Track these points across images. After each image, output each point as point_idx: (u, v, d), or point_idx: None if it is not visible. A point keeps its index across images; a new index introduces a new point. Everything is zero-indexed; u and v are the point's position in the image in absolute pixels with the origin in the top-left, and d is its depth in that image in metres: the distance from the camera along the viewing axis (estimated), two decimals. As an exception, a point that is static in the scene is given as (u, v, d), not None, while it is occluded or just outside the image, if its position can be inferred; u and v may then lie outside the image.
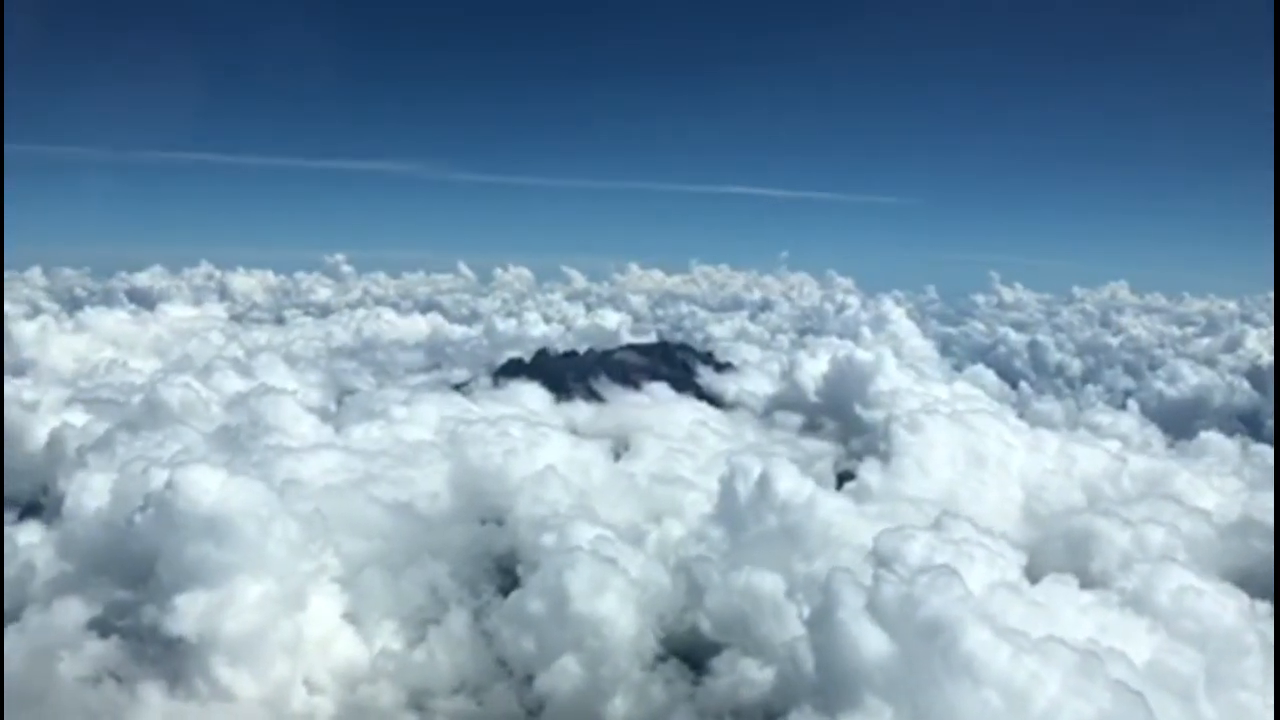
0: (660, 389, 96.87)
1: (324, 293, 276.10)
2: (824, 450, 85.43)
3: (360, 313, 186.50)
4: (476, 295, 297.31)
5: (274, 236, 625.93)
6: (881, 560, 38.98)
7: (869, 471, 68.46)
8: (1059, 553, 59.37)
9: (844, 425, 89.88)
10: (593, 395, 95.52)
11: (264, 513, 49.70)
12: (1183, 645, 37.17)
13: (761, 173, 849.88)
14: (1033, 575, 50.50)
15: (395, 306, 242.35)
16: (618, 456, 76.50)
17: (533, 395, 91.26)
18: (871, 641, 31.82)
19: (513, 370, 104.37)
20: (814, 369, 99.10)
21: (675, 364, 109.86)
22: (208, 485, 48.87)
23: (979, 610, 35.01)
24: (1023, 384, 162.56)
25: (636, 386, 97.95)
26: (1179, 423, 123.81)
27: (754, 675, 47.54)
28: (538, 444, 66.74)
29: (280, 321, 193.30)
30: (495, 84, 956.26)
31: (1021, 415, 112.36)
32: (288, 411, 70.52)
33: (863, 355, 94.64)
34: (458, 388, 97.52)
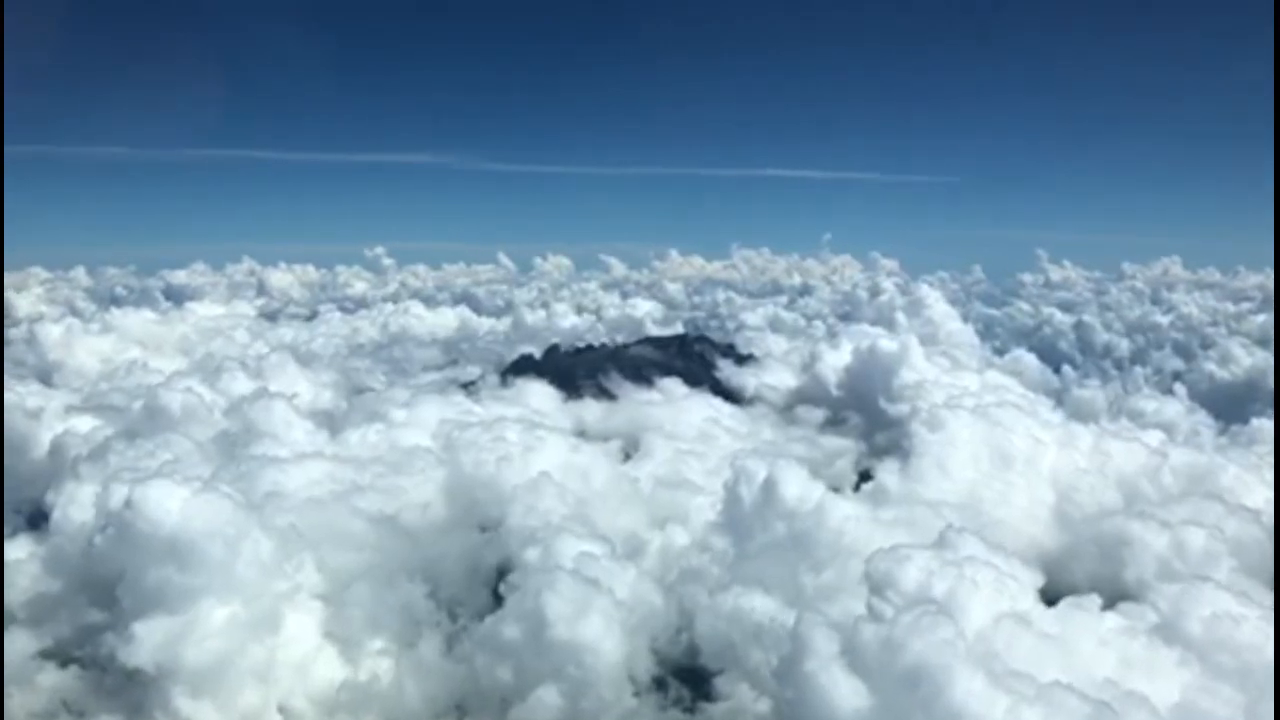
0: (673, 385, 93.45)
1: (361, 286, 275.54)
2: (845, 448, 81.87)
3: (389, 307, 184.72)
4: (514, 285, 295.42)
5: (318, 231, 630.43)
6: (874, 586, 34.95)
7: (887, 473, 64.49)
8: (1090, 560, 55.28)
9: (867, 420, 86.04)
10: (603, 393, 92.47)
11: (232, 530, 47.12)
12: (1217, 682, 32.80)
13: (804, 155, 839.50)
14: (1057, 589, 46.23)
15: (431, 299, 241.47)
16: (627, 458, 74.12)
17: (540, 394, 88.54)
18: (844, 697, 27.81)
19: (522, 368, 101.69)
20: (837, 360, 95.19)
21: (693, 357, 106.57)
22: (169, 503, 46.16)
23: (978, 649, 30.95)
24: (1066, 368, 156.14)
25: (649, 383, 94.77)
26: (1231, 407, 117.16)
27: (752, 704, 43.95)
28: (534, 448, 63.42)
29: (312, 317, 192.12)
30: (531, 73, 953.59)
31: (1061, 403, 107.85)
32: (280, 417, 67.92)
33: (887, 344, 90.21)
34: (466, 386, 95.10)
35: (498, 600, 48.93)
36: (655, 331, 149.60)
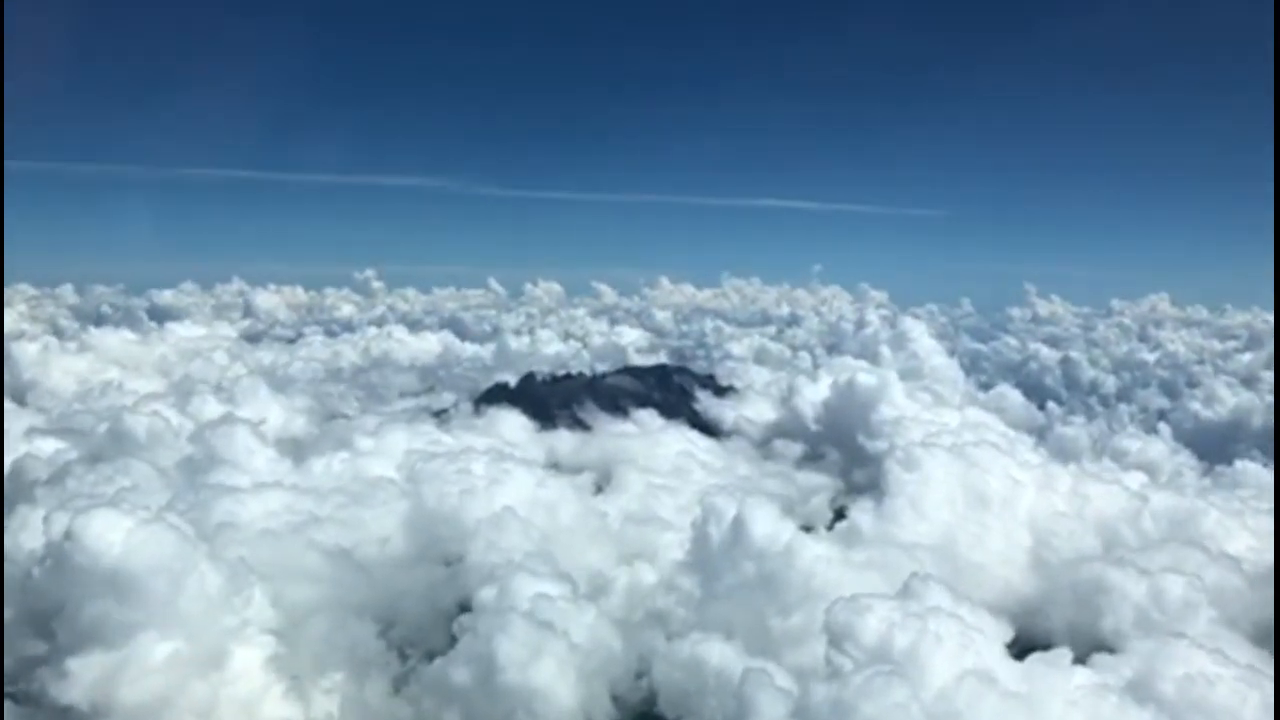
0: (649, 417, 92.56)
1: (348, 309, 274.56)
2: (821, 485, 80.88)
3: (371, 331, 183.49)
4: (503, 311, 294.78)
5: (310, 252, 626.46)
6: (833, 638, 33.45)
7: (861, 512, 63.26)
8: (1066, 607, 53.83)
9: (845, 456, 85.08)
10: (578, 423, 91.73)
11: (178, 563, 45.36)
12: (1189, 748, 31.29)
13: (797, 185, 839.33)
14: (1030, 638, 44.96)
15: (418, 323, 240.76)
16: (598, 491, 73.02)
17: (512, 424, 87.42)
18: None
19: (496, 396, 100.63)
20: (816, 394, 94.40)
21: (672, 388, 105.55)
22: (111, 534, 44.34)
23: (938, 709, 29.34)
24: (1051, 404, 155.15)
25: (625, 414, 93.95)
26: (1215, 447, 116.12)
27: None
28: (500, 481, 62.17)
29: (295, 340, 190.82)
30: (527, 97, 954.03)
31: (1044, 440, 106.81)
32: (243, 444, 66.21)
33: (866, 379, 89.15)
34: (438, 415, 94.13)
35: (454, 640, 47.26)
36: (638, 360, 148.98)
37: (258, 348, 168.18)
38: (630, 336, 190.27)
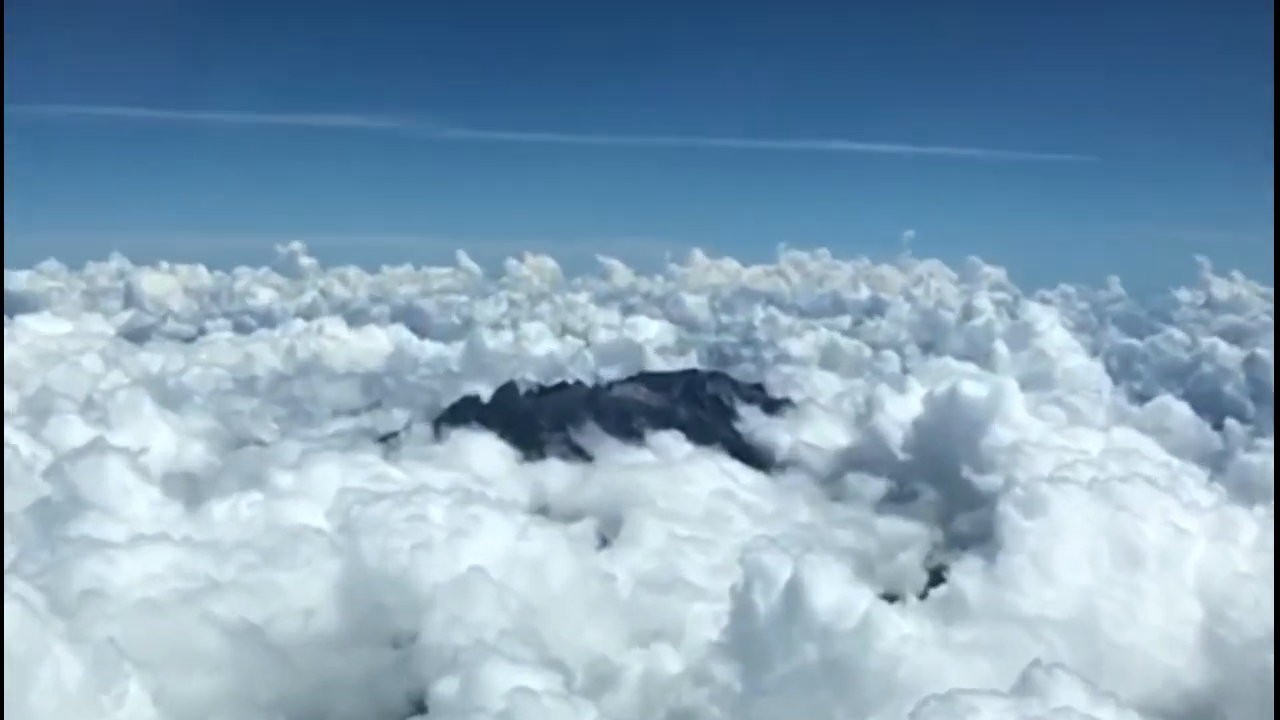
0: (673, 441, 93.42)
1: (267, 295, 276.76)
2: (910, 536, 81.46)
3: (298, 325, 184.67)
4: (478, 296, 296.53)
5: (215, 219, 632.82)
6: (922, 755, 33.20)
7: (967, 573, 63.01)
8: (1250, 706, 53.26)
9: (944, 497, 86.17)
10: (575, 451, 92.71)
11: (22, 648, 45.67)
12: None
13: (879, 121, 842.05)
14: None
15: (361, 314, 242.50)
16: (603, 544, 74.39)
17: (486, 452, 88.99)
18: None
19: (464, 414, 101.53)
20: (905, 409, 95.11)
21: (705, 402, 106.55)
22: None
23: None
24: (1231, 422, 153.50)
25: (640, 438, 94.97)
26: None
27: None
28: (467, 531, 63.02)
29: (195, 337, 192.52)
30: (508, 3, 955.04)
31: (1221, 472, 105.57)
32: (117, 482, 68.03)
33: (973, 389, 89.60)
34: (384, 440, 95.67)
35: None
36: (661, 364, 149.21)
37: (142, 348, 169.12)
38: (650, 331, 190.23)
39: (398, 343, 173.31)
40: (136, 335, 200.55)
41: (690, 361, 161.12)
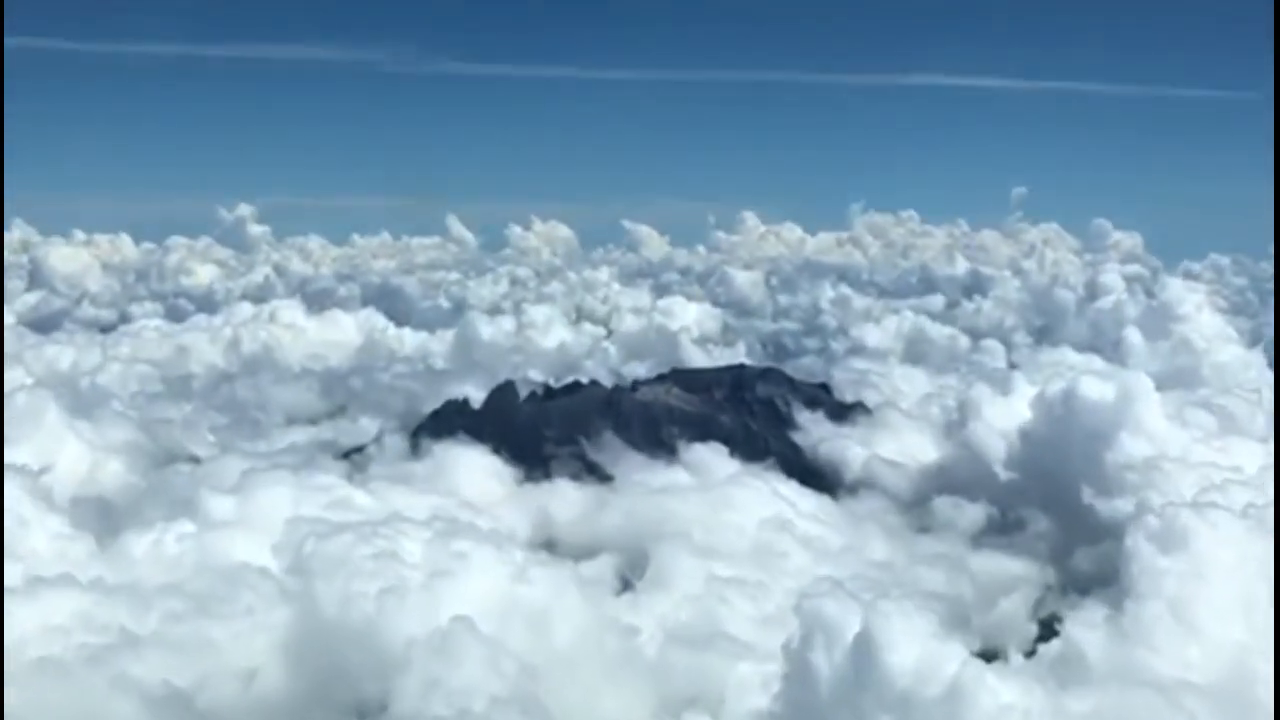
0: (713, 456, 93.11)
1: (207, 273, 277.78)
2: (1015, 576, 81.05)
3: (245, 310, 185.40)
4: (471, 274, 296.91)
5: (144, 176, 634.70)
6: None
7: (1085, 626, 62.62)
8: None
9: (1060, 526, 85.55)
10: (589, 469, 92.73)
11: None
12: None
13: (979, 51, 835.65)
14: None
15: (324, 295, 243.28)
16: (624, 588, 74.48)
17: (475, 471, 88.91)
18: None
19: (449, 422, 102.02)
20: (1009, 415, 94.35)
21: (755, 407, 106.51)
22: None
23: None
24: None
25: (672, 451, 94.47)
26: None
27: None
28: (450, 572, 63.05)
29: (114, 326, 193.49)
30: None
31: None
32: (10, 510, 67.72)
33: (1097, 387, 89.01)
34: (349, 455, 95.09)
35: None
36: (700, 358, 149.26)
37: (48, 340, 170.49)
38: (688, 315, 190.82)
39: (369, 332, 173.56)
40: (43, 323, 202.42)
41: (738, 355, 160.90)
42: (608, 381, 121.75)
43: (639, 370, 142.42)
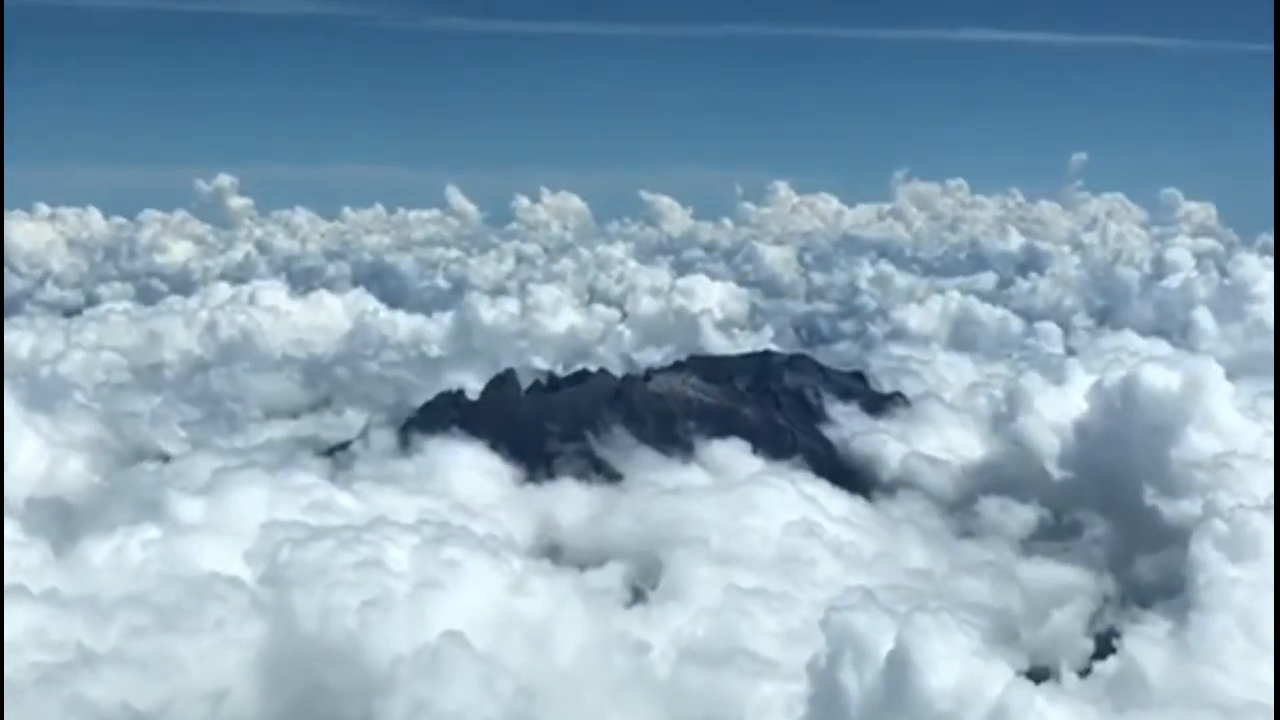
0: (734, 453, 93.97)
1: (181, 249, 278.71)
2: (1070, 585, 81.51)
3: (223, 291, 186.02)
4: (474, 250, 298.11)
5: (115, 145, 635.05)
6: None
7: (1147, 641, 62.66)
8: None
9: (1119, 531, 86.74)
10: (597, 467, 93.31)
11: None
12: None
13: (1030, 5, 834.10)
14: None
15: (311, 275, 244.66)
16: (635, 599, 75.05)
17: (470, 469, 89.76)
18: None
19: (442, 416, 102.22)
20: (1063, 407, 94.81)
21: (780, 398, 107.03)
22: None
23: None
24: None
25: (689, 448, 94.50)
26: None
27: None
28: (440, 583, 63.45)
29: (80, 309, 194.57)
30: None
31: None
32: None
33: (1162, 375, 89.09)
34: (332, 453, 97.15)
35: None
36: (722, 344, 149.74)
37: (7, 324, 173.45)
38: (711, 295, 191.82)
39: (358, 315, 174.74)
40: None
41: (764, 340, 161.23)
42: (620, 369, 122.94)
43: (655, 357, 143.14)
